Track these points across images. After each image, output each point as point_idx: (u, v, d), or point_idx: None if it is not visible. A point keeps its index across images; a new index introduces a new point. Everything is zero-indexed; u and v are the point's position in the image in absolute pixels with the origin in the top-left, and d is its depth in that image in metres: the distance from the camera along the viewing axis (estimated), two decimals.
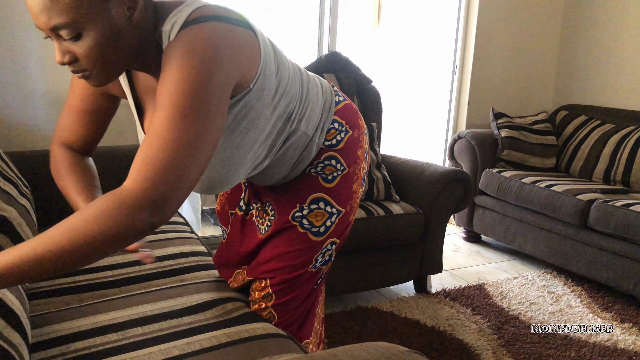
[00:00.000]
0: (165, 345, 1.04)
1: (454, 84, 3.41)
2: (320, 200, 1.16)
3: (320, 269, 1.21)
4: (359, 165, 1.20)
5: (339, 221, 1.17)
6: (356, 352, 0.76)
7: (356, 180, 1.19)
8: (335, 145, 1.17)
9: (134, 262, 1.48)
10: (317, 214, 1.16)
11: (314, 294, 1.25)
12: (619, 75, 3.25)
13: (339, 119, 1.18)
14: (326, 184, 1.16)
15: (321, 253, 1.18)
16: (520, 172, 2.91)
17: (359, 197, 1.23)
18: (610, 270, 2.40)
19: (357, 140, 1.19)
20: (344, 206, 1.17)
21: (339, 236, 1.20)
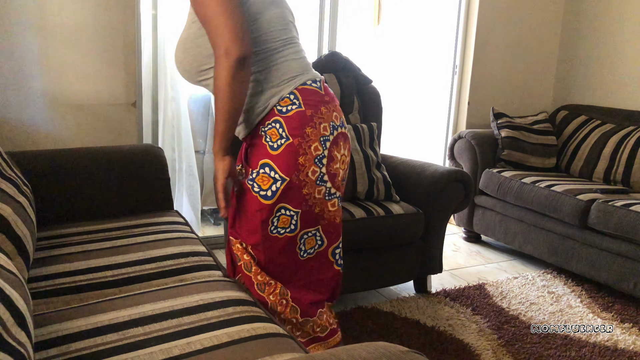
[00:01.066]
0: (166, 345, 1.04)
1: (454, 84, 3.41)
2: (266, 166, 1.33)
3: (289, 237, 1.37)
4: (308, 143, 1.32)
5: (286, 188, 1.32)
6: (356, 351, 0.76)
7: (303, 154, 1.31)
8: (284, 112, 1.32)
9: (134, 262, 1.48)
10: (263, 178, 1.33)
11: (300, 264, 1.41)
12: (619, 75, 3.25)
13: (297, 94, 1.33)
14: (272, 151, 1.32)
15: (275, 217, 1.34)
16: (520, 172, 2.91)
17: (317, 177, 1.34)
18: (610, 270, 2.40)
19: (308, 118, 1.32)
20: (288, 174, 1.31)
21: (295, 205, 1.34)
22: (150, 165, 2.05)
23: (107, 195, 1.93)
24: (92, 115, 2.34)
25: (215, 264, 1.55)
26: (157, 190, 2.05)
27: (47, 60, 2.21)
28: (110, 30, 2.30)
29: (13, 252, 1.20)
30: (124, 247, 1.57)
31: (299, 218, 1.36)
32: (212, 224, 3.30)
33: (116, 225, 1.79)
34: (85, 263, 1.45)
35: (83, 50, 2.27)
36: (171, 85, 2.68)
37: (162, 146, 2.68)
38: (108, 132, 2.38)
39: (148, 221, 1.83)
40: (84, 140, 2.30)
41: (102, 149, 2.04)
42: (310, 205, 1.35)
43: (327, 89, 1.41)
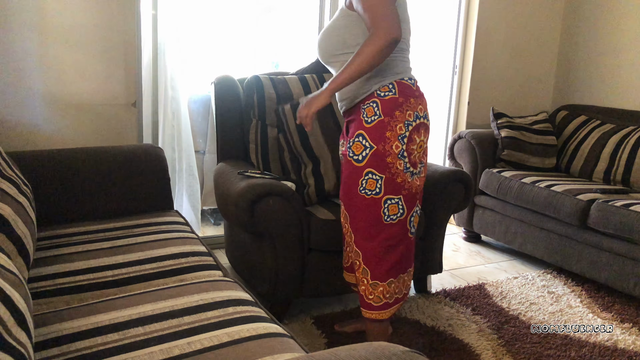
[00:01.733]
0: (166, 345, 1.04)
1: (454, 84, 3.41)
2: (359, 135, 1.67)
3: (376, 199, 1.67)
4: (395, 123, 1.65)
5: (373, 155, 1.65)
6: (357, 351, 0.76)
7: (390, 130, 1.65)
8: (382, 96, 1.67)
9: (134, 262, 1.48)
10: (357, 145, 1.68)
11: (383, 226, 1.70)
12: (619, 75, 3.25)
13: (395, 85, 1.68)
14: (366, 125, 1.67)
15: (364, 179, 1.67)
16: (520, 172, 2.91)
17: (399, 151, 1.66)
18: (610, 270, 2.40)
19: (399, 104, 1.66)
20: (376, 143, 1.65)
21: (380, 170, 1.66)
22: (150, 165, 2.05)
23: (107, 195, 1.93)
24: (92, 115, 2.34)
25: (215, 264, 1.55)
26: (157, 190, 2.05)
27: (47, 60, 2.21)
28: (110, 30, 2.30)
29: (13, 252, 1.20)
30: (124, 247, 1.57)
31: (383, 183, 1.66)
32: (212, 224, 3.30)
33: (116, 225, 1.79)
34: (85, 263, 1.45)
35: (83, 50, 2.27)
36: (171, 85, 2.68)
37: (162, 146, 2.68)
38: (108, 132, 2.38)
39: (148, 221, 1.83)
40: (84, 140, 2.30)
41: (102, 149, 2.04)
42: (393, 174, 1.66)
43: (419, 87, 1.76)
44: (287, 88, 2.40)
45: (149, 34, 2.51)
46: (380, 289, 1.74)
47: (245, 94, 2.40)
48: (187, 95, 2.86)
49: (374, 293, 1.74)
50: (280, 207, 1.90)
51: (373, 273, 1.73)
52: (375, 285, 1.74)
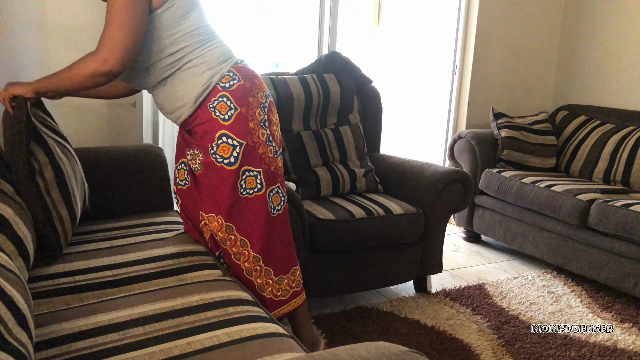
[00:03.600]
0: (167, 345, 1.04)
1: (454, 84, 3.41)
2: (223, 136, 1.50)
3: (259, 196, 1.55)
4: (253, 110, 1.54)
5: (244, 151, 1.51)
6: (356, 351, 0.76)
7: (251, 119, 1.53)
8: (227, 87, 1.52)
9: (133, 262, 1.48)
10: (224, 147, 1.51)
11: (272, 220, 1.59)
12: (619, 75, 3.25)
13: (235, 71, 1.54)
14: (224, 123, 1.50)
15: (242, 180, 1.53)
16: (520, 172, 2.91)
17: (266, 138, 1.57)
18: (610, 270, 2.40)
19: (248, 90, 1.54)
20: (244, 138, 1.51)
21: (256, 165, 1.54)
22: (150, 165, 2.05)
23: (107, 195, 1.93)
24: (92, 115, 2.34)
25: (214, 264, 1.55)
26: (157, 190, 2.05)
27: (47, 60, 2.21)
28: None
29: (14, 253, 1.20)
30: (124, 247, 1.57)
31: (262, 177, 1.55)
32: None
33: (116, 225, 1.79)
34: (85, 263, 1.45)
35: (83, 50, 2.25)
36: None
37: (162, 146, 2.68)
38: (108, 132, 2.38)
39: (148, 221, 1.83)
40: (84, 140, 2.30)
41: (102, 149, 2.04)
42: (267, 164, 1.56)
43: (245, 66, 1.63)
44: (287, 88, 2.40)
45: None
46: (285, 281, 1.65)
47: None
48: None
49: (280, 289, 1.65)
50: None
51: (275, 269, 1.63)
52: (281, 280, 1.64)
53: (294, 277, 1.68)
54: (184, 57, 1.49)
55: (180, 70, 1.51)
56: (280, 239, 1.63)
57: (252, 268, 1.60)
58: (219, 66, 1.53)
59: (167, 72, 1.51)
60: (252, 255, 1.59)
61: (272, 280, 1.63)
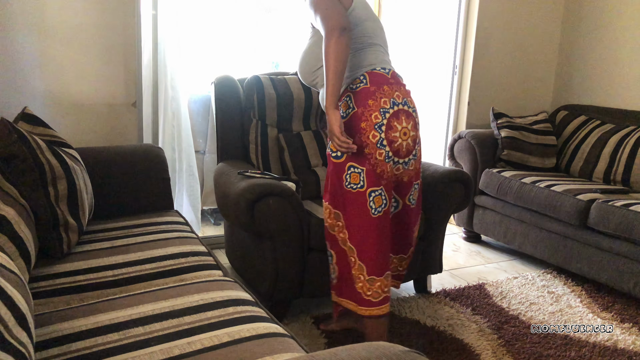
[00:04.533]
0: (167, 345, 1.04)
1: (454, 84, 3.41)
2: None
3: (361, 193, 1.67)
4: (368, 112, 1.65)
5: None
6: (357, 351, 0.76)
7: (365, 120, 1.65)
8: (354, 89, 1.70)
9: (134, 262, 1.48)
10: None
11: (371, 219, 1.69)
12: (619, 75, 3.25)
13: (367, 75, 1.70)
14: (342, 120, 1.66)
15: (347, 174, 1.69)
16: (520, 172, 2.91)
17: (377, 140, 1.66)
18: (610, 270, 2.40)
19: (371, 93, 1.67)
20: (352, 136, 1.66)
21: (360, 163, 1.67)
22: (150, 165, 2.05)
23: (107, 195, 1.93)
24: (92, 115, 2.34)
25: (215, 264, 1.55)
26: (157, 190, 2.05)
27: (47, 60, 2.21)
28: (110, 30, 2.30)
29: (15, 254, 1.20)
30: (124, 247, 1.57)
31: (365, 175, 1.67)
32: (212, 224, 3.30)
33: (116, 225, 1.79)
34: (86, 263, 1.45)
35: (83, 50, 2.27)
36: (171, 85, 2.68)
37: (162, 146, 2.68)
38: (108, 132, 2.38)
39: (148, 221, 1.83)
40: (84, 140, 2.30)
41: (102, 149, 2.04)
42: (373, 165, 1.66)
43: (395, 75, 1.77)
44: (287, 88, 2.40)
45: (149, 34, 2.51)
46: (377, 283, 1.71)
47: (245, 94, 2.40)
48: (187, 95, 2.86)
49: (371, 289, 1.71)
50: (280, 207, 1.90)
51: (368, 268, 1.70)
52: (373, 281, 1.71)
53: (387, 282, 1.73)
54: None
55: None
56: (378, 241, 1.71)
57: (346, 259, 1.75)
58: (355, 70, 1.72)
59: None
60: (348, 246, 1.72)
61: (364, 277, 1.72)
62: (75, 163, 1.64)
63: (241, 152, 2.41)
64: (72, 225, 1.53)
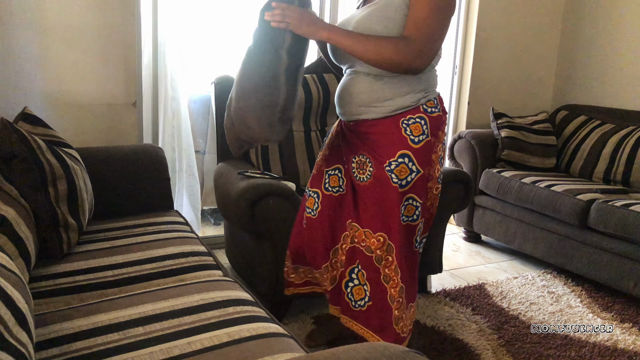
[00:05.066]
0: (166, 345, 1.04)
1: (454, 84, 3.41)
2: (404, 156, 1.45)
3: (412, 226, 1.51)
4: (438, 144, 1.52)
5: (419, 179, 1.47)
6: (357, 351, 0.76)
7: (434, 153, 1.51)
8: (429, 112, 1.50)
9: (134, 262, 1.48)
10: (402, 169, 1.45)
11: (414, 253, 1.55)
12: (619, 75, 3.25)
13: (438, 100, 1.54)
14: (412, 144, 1.46)
15: (404, 205, 1.49)
16: (520, 172, 2.91)
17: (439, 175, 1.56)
18: (610, 270, 2.40)
19: (443, 123, 1.53)
20: (423, 167, 1.48)
21: (421, 196, 1.50)
22: (150, 165, 2.05)
23: (107, 195, 1.93)
24: (92, 115, 2.34)
25: (215, 264, 1.55)
26: (157, 190, 2.05)
27: (47, 60, 2.21)
28: (110, 30, 2.30)
29: (15, 254, 1.20)
30: (124, 247, 1.57)
31: (421, 209, 1.51)
32: (212, 224, 3.30)
33: (116, 225, 1.79)
34: (86, 263, 1.45)
35: (83, 50, 2.27)
36: (171, 85, 2.68)
37: (162, 146, 2.68)
38: (108, 132, 2.38)
39: (148, 221, 1.83)
40: (84, 140, 2.30)
41: (102, 149, 2.04)
42: (426, 199, 1.54)
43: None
44: None
45: (149, 34, 2.51)
46: (412, 310, 1.58)
47: None
48: (187, 95, 2.86)
49: (406, 313, 1.54)
50: (280, 207, 1.90)
51: (408, 292, 1.54)
52: (410, 307, 1.56)
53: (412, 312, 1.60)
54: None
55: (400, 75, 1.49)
56: (415, 276, 1.59)
57: (396, 297, 1.51)
58: (429, 90, 1.53)
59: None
60: (399, 286, 1.50)
61: (405, 315, 1.53)
62: (75, 163, 1.64)
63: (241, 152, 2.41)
64: (72, 225, 1.53)
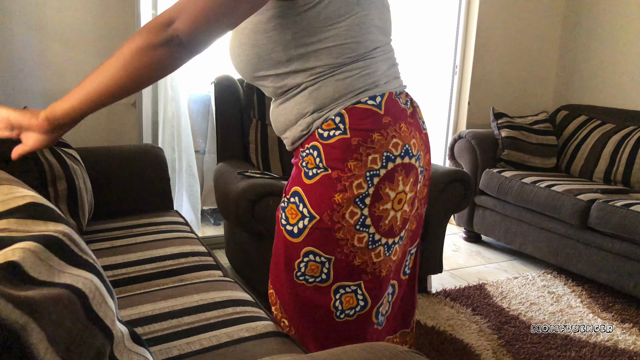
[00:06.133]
0: (166, 345, 1.04)
1: (454, 84, 3.41)
2: (296, 195, 1.08)
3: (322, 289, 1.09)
4: (350, 179, 1.03)
5: (314, 229, 1.05)
6: (356, 352, 0.76)
7: (341, 191, 1.04)
8: (324, 137, 1.05)
9: (133, 262, 1.48)
10: (291, 210, 1.09)
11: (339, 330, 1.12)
12: (619, 75, 3.25)
13: (345, 116, 1.04)
14: (306, 180, 1.07)
15: (302, 261, 1.08)
16: (520, 172, 2.91)
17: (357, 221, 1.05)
18: (610, 270, 2.40)
19: (352, 149, 1.03)
20: (318, 212, 1.05)
21: (327, 251, 1.06)
22: (150, 165, 2.05)
23: (107, 195, 1.93)
24: (92, 115, 2.33)
25: (215, 264, 1.55)
26: (157, 190, 2.05)
27: (47, 60, 2.21)
28: (110, 30, 2.30)
29: None
30: (124, 247, 1.57)
31: (331, 266, 1.08)
32: (212, 224, 3.30)
33: (116, 225, 1.79)
34: None
35: (83, 50, 2.27)
36: (171, 85, 2.68)
37: (162, 146, 2.68)
38: (108, 132, 2.38)
39: (148, 221, 1.83)
40: (84, 140, 2.30)
41: (102, 149, 2.04)
42: (347, 254, 1.07)
43: (394, 104, 1.08)
44: None
45: None
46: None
47: (245, 94, 2.40)
48: (187, 95, 2.86)
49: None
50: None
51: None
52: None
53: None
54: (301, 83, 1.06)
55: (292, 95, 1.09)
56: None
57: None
58: (329, 105, 1.06)
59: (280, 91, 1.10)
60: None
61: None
62: (75, 163, 1.64)
63: (241, 152, 2.41)
64: (72, 225, 1.53)
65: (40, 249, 0.60)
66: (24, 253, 0.58)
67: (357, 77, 1.06)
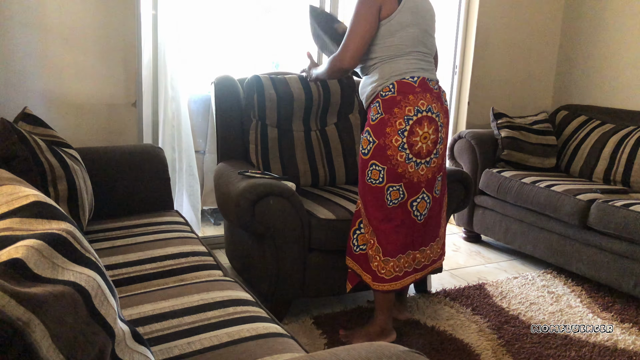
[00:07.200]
0: (166, 345, 1.04)
1: (454, 84, 3.41)
2: (366, 132, 1.87)
3: (379, 188, 1.85)
4: (394, 119, 1.81)
5: (375, 148, 1.84)
6: (357, 351, 0.76)
7: (390, 126, 1.82)
8: (383, 96, 1.84)
9: (134, 262, 1.48)
10: (364, 141, 1.87)
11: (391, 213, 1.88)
12: (619, 75, 3.25)
13: (395, 84, 1.83)
14: (371, 122, 1.86)
15: (369, 169, 1.86)
16: (520, 172, 2.91)
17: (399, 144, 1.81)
18: (610, 270, 2.40)
19: (396, 102, 1.82)
20: (377, 138, 1.84)
21: (382, 162, 1.83)
22: (150, 165, 2.05)
23: (107, 195, 1.93)
24: (92, 115, 2.34)
25: (215, 264, 1.55)
26: (157, 190, 2.05)
27: (47, 60, 2.21)
28: (110, 30, 2.30)
29: None
30: (124, 247, 1.57)
31: (385, 173, 1.83)
32: (212, 224, 3.30)
33: (116, 225, 1.79)
34: None
35: (83, 50, 2.27)
36: (171, 85, 2.68)
37: (162, 146, 2.68)
38: (108, 132, 2.38)
39: (148, 221, 1.83)
40: (84, 140, 2.30)
41: (102, 149, 2.04)
42: (394, 165, 1.83)
43: (424, 82, 1.86)
44: (287, 88, 2.40)
45: (149, 34, 2.51)
46: (391, 264, 1.90)
47: (245, 94, 2.40)
48: (187, 95, 2.86)
49: (385, 268, 1.90)
50: (280, 207, 1.90)
51: (385, 250, 1.89)
52: (387, 261, 1.89)
53: (399, 263, 1.91)
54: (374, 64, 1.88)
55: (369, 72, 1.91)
56: (393, 229, 1.88)
57: (367, 240, 1.92)
58: (386, 78, 1.85)
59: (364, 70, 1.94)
60: (370, 230, 1.91)
61: (380, 258, 1.89)
62: (75, 163, 1.64)
63: (241, 152, 2.41)
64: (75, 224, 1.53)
65: (44, 247, 0.60)
66: (28, 250, 0.58)
67: (404, 64, 1.85)
